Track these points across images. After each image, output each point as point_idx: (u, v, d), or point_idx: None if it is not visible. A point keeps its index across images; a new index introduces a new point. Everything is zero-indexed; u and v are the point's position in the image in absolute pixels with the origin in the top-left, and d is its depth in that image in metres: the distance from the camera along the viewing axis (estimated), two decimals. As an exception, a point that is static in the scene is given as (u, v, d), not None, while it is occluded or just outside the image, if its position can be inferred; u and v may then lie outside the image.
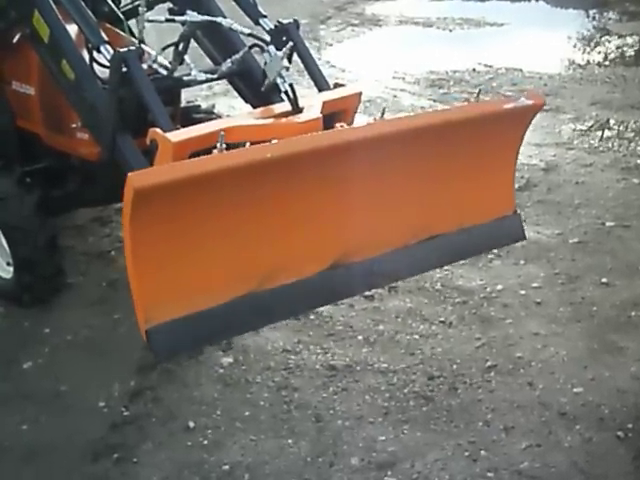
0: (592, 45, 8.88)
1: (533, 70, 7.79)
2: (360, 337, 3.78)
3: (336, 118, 3.57)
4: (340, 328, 3.85)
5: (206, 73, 3.65)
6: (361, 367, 3.56)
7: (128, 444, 3.17)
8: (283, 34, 3.67)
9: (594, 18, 10.13)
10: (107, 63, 3.32)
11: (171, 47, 3.62)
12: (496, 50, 8.58)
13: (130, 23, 4.23)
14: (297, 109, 3.36)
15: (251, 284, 2.80)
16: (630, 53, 8.56)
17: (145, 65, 3.45)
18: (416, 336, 3.79)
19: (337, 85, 3.76)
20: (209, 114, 4.52)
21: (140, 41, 3.46)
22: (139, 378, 3.53)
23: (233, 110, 5.86)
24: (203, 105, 4.86)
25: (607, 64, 8.14)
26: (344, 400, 3.37)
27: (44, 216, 3.89)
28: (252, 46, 3.59)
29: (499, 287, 4.19)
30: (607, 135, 6.19)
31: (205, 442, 3.17)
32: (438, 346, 3.71)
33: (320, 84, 3.73)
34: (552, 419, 3.24)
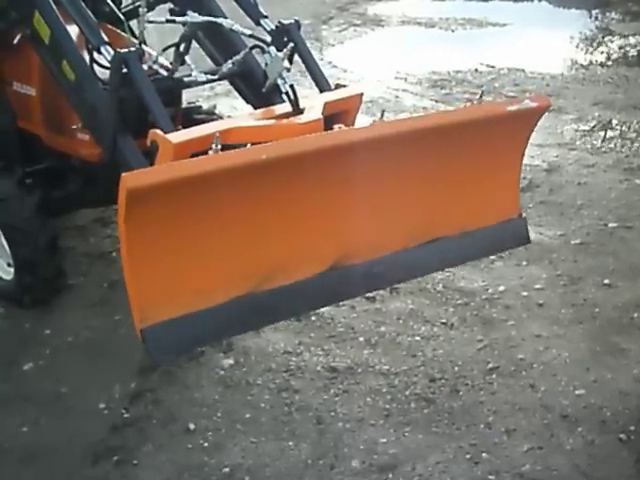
0: (594, 45, 8.86)
1: (535, 70, 7.77)
2: (361, 339, 3.77)
3: (337, 119, 3.56)
4: (341, 330, 3.84)
5: (207, 74, 3.64)
6: (362, 369, 3.55)
7: (128, 446, 3.16)
8: (284, 35, 3.66)
9: (597, 18, 10.10)
10: (107, 64, 3.31)
11: (172, 48, 3.62)
12: (498, 50, 8.56)
13: (132, 24, 4.22)
14: (298, 110, 3.35)
15: (249, 285, 2.79)
16: (633, 53, 8.53)
17: (145, 66, 3.44)
18: (417, 338, 3.78)
19: (338, 86, 3.74)
20: (210, 115, 4.51)
21: (140, 42, 3.45)
22: (140, 380, 3.52)
23: (235, 111, 5.84)
24: (204, 106, 4.85)
25: (610, 64, 8.12)
26: (345, 402, 3.35)
27: (45, 217, 3.89)
28: (253, 47, 3.58)
29: (501, 288, 4.17)
30: (610, 136, 6.17)
31: (205, 444, 3.16)
32: (440, 348, 3.70)
33: (321, 85, 3.72)
34: (554, 421, 3.23)
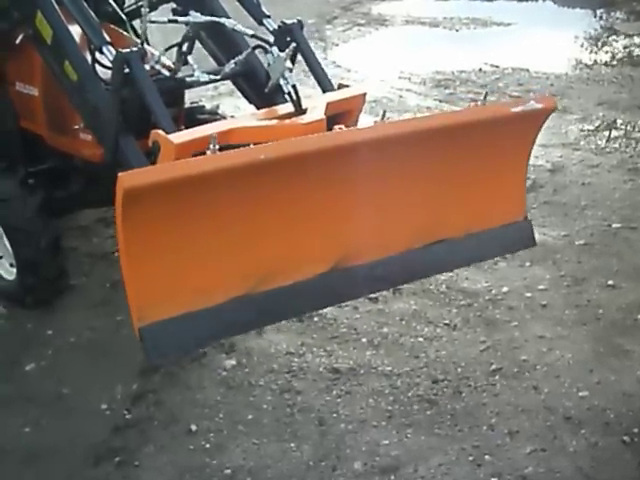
0: (599, 45, 8.83)
1: (540, 70, 7.75)
2: (364, 340, 3.76)
3: (340, 119, 3.54)
4: (344, 331, 3.83)
5: (209, 74, 3.63)
6: (365, 370, 3.54)
7: (130, 447, 3.15)
8: (286, 35, 3.65)
9: (601, 18, 10.07)
10: (109, 64, 3.30)
11: (175, 48, 3.61)
12: (503, 50, 8.54)
13: (135, 23, 4.21)
14: (300, 110, 3.34)
15: (248, 285, 2.78)
16: (637, 53, 8.50)
17: (148, 66, 3.43)
18: (420, 339, 3.77)
19: (341, 86, 3.73)
20: (213, 115, 4.50)
21: (142, 42, 3.44)
22: (142, 381, 3.52)
23: (238, 110, 5.84)
24: (208, 106, 4.85)
25: (614, 64, 8.09)
26: (347, 403, 3.34)
27: (47, 217, 3.88)
28: (255, 47, 3.57)
29: (504, 289, 4.16)
30: (614, 136, 6.15)
31: (207, 445, 3.15)
32: (442, 349, 3.69)
33: (324, 85, 3.71)
34: (557, 423, 3.21)
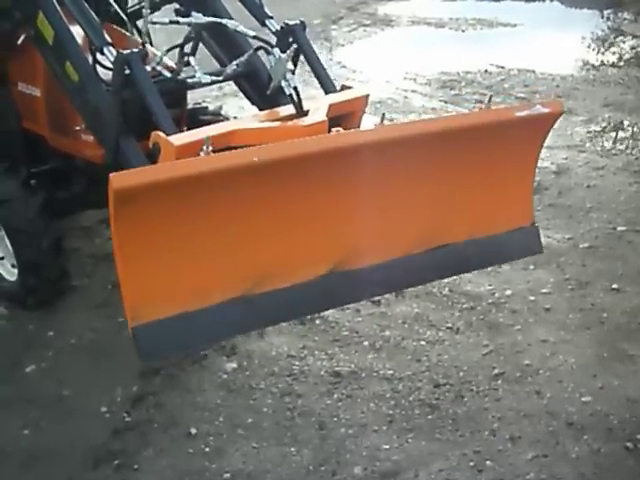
0: (606, 46, 8.78)
1: (546, 71, 7.71)
2: (366, 343, 3.74)
3: (343, 121, 3.52)
4: (346, 333, 3.81)
5: (211, 75, 3.61)
6: (366, 374, 3.52)
7: (129, 450, 3.14)
8: (289, 36, 3.63)
9: (608, 18, 10.02)
10: (110, 65, 3.28)
11: (178, 49, 3.60)
12: (509, 51, 8.50)
13: (139, 24, 4.20)
14: (302, 112, 3.32)
15: (245, 286, 2.77)
16: (645, 54, 8.47)
17: (149, 67, 3.41)
18: (423, 342, 3.74)
19: (344, 87, 3.70)
20: (216, 116, 4.48)
21: (144, 43, 3.43)
22: (142, 383, 3.51)
23: (243, 111, 5.83)
24: (211, 107, 4.83)
25: (621, 65, 8.05)
26: (348, 407, 3.32)
27: (49, 218, 3.87)
28: (257, 49, 3.55)
29: (508, 293, 4.13)
30: (620, 137, 6.11)
31: (207, 449, 3.14)
32: (445, 353, 3.66)
33: (327, 86, 3.68)
34: (559, 429, 3.19)
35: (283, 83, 3.33)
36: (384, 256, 2.97)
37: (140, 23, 4.10)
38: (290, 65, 3.36)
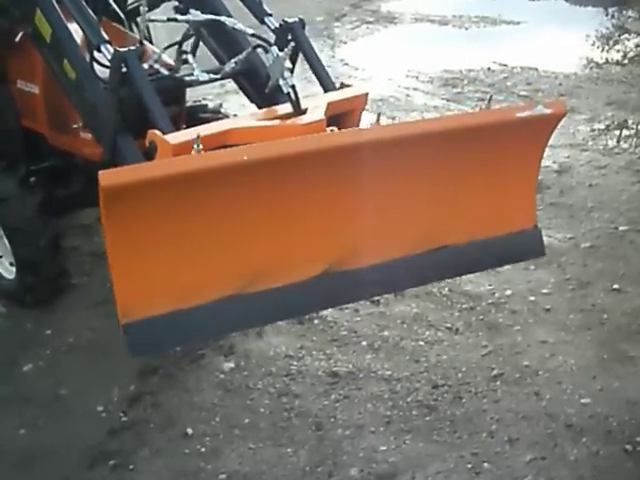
0: (610, 44, 8.74)
1: (549, 69, 7.67)
2: (364, 343, 3.71)
3: (342, 119, 3.50)
4: (344, 333, 3.79)
5: (209, 73, 3.59)
6: (364, 374, 3.50)
7: (125, 450, 3.13)
8: (288, 33, 3.61)
9: (613, 16, 9.97)
10: (108, 63, 3.26)
11: (176, 46, 3.58)
12: (512, 49, 8.46)
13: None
14: (299, 111, 3.29)
15: (237, 285, 2.75)
16: (648, 52, 8.42)
17: (146, 65, 3.40)
18: (421, 343, 3.72)
19: (343, 85, 3.68)
20: (216, 114, 4.46)
21: (141, 40, 3.41)
22: (139, 382, 3.49)
23: (244, 109, 5.78)
24: (211, 104, 4.81)
25: (625, 63, 8.01)
26: (345, 408, 3.30)
27: (47, 217, 3.86)
28: (255, 47, 3.53)
29: (508, 293, 4.10)
30: (623, 136, 6.07)
31: (203, 450, 3.12)
32: (444, 353, 3.64)
33: (326, 84, 3.66)
34: (558, 431, 3.16)
35: (281, 81, 3.30)
36: (381, 257, 2.94)
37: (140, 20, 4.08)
38: (288, 63, 3.33)
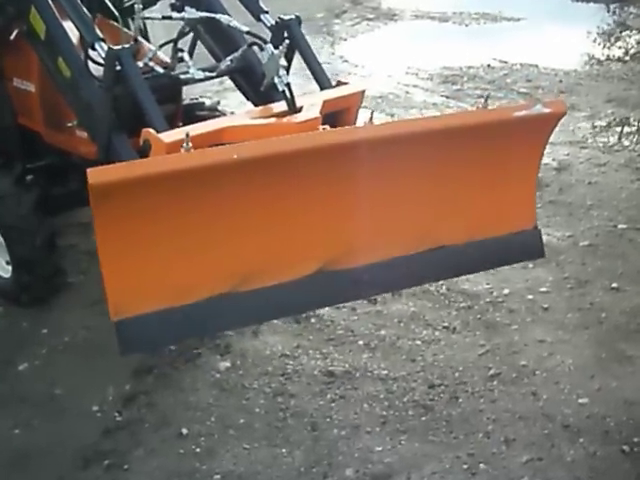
0: (611, 41, 8.71)
1: (549, 66, 7.65)
2: (361, 342, 3.69)
3: (338, 117, 3.48)
4: (341, 332, 3.77)
5: (204, 71, 3.57)
6: (360, 374, 3.48)
7: (120, 450, 3.11)
8: (284, 30, 3.59)
9: (614, 12, 9.93)
10: (102, 61, 3.24)
11: (172, 44, 3.57)
12: (512, 45, 8.43)
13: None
14: (294, 109, 3.27)
15: (228, 284, 2.74)
16: (650, 49, 8.38)
17: (141, 63, 3.38)
18: (418, 342, 3.70)
19: (340, 83, 3.67)
20: (213, 111, 4.44)
21: (136, 38, 3.39)
22: (134, 382, 3.48)
23: (243, 106, 5.75)
24: (208, 102, 4.79)
25: (626, 60, 7.97)
26: (341, 408, 3.28)
27: (42, 215, 3.84)
28: (250, 44, 3.51)
29: (506, 291, 4.08)
30: (623, 133, 6.04)
31: (197, 450, 3.10)
32: (440, 353, 3.62)
33: (322, 82, 3.65)
34: (555, 431, 3.14)
35: (276, 79, 3.28)
36: (376, 256, 2.92)
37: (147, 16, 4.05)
38: (283, 61, 3.31)
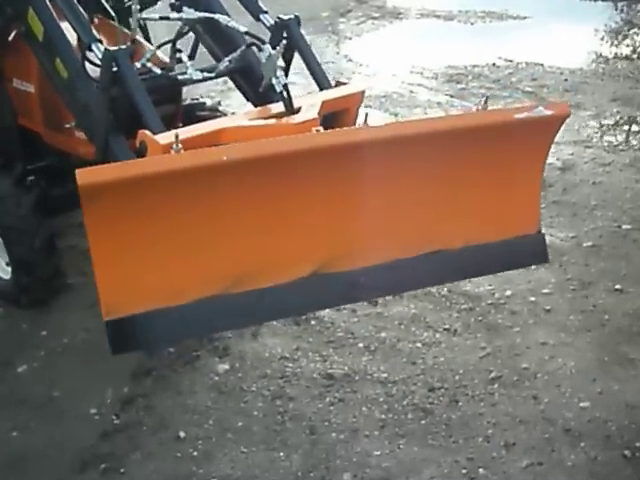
0: (619, 39, 8.65)
1: (554, 65, 7.60)
2: (361, 344, 3.67)
3: (337, 117, 3.46)
4: (341, 335, 3.74)
5: (203, 71, 3.55)
6: (360, 376, 3.45)
7: (117, 454, 3.10)
8: (283, 30, 3.56)
9: (622, 10, 9.86)
10: (99, 62, 3.22)
11: (171, 45, 3.55)
12: (518, 44, 8.38)
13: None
14: (291, 110, 3.24)
15: (220, 286, 2.72)
16: (657, 47, 8.32)
17: (139, 64, 3.35)
18: (419, 344, 3.67)
19: (339, 83, 3.64)
20: (214, 112, 4.42)
21: (133, 39, 3.37)
22: (133, 384, 3.47)
23: (245, 106, 5.75)
24: (209, 102, 4.77)
25: (633, 58, 7.91)
26: (340, 411, 3.26)
27: (41, 216, 3.83)
28: (249, 45, 3.48)
29: (508, 293, 4.04)
30: (629, 133, 5.99)
31: (195, 453, 3.08)
32: (441, 355, 3.59)
33: (321, 82, 3.62)
34: (556, 435, 3.11)
35: (274, 80, 3.25)
36: (371, 260, 2.88)
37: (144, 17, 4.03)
38: (281, 62, 3.28)
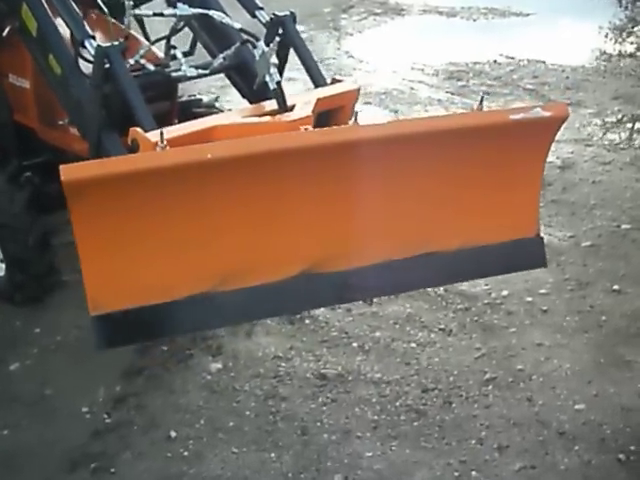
0: (623, 36, 8.59)
1: (556, 62, 7.54)
2: (355, 344, 3.64)
3: (333, 114, 3.43)
4: (335, 334, 3.72)
5: (197, 68, 3.52)
6: (353, 377, 3.43)
7: (108, 453, 3.08)
8: (278, 27, 3.53)
9: (626, 8, 9.79)
10: (92, 58, 3.20)
11: (165, 41, 3.52)
12: (520, 41, 8.32)
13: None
14: (285, 107, 3.21)
15: (208, 284, 2.70)
16: (660, 45, 8.26)
17: (132, 60, 3.33)
18: (413, 344, 3.64)
19: (334, 81, 3.61)
20: (210, 108, 4.39)
21: (127, 35, 3.34)
22: (125, 383, 3.45)
23: (245, 102, 5.73)
24: (208, 98, 4.74)
25: (637, 55, 7.85)
26: (332, 412, 3.23)
27: (35, 213, 3.82)
28: (243, 42, 3.46)
29: (504, 293, 4.01)
30: (629, 131, 5.95)
31: (185, 453, 3.06)
32: (435, 356, 3.56)
33: (316, 80, 3.59)
34: (550, 438, 3.08)
35: (267, 77, 3.22)
36: (363, 260, 2.85)
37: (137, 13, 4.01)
38: (274, 59, 3.25)
